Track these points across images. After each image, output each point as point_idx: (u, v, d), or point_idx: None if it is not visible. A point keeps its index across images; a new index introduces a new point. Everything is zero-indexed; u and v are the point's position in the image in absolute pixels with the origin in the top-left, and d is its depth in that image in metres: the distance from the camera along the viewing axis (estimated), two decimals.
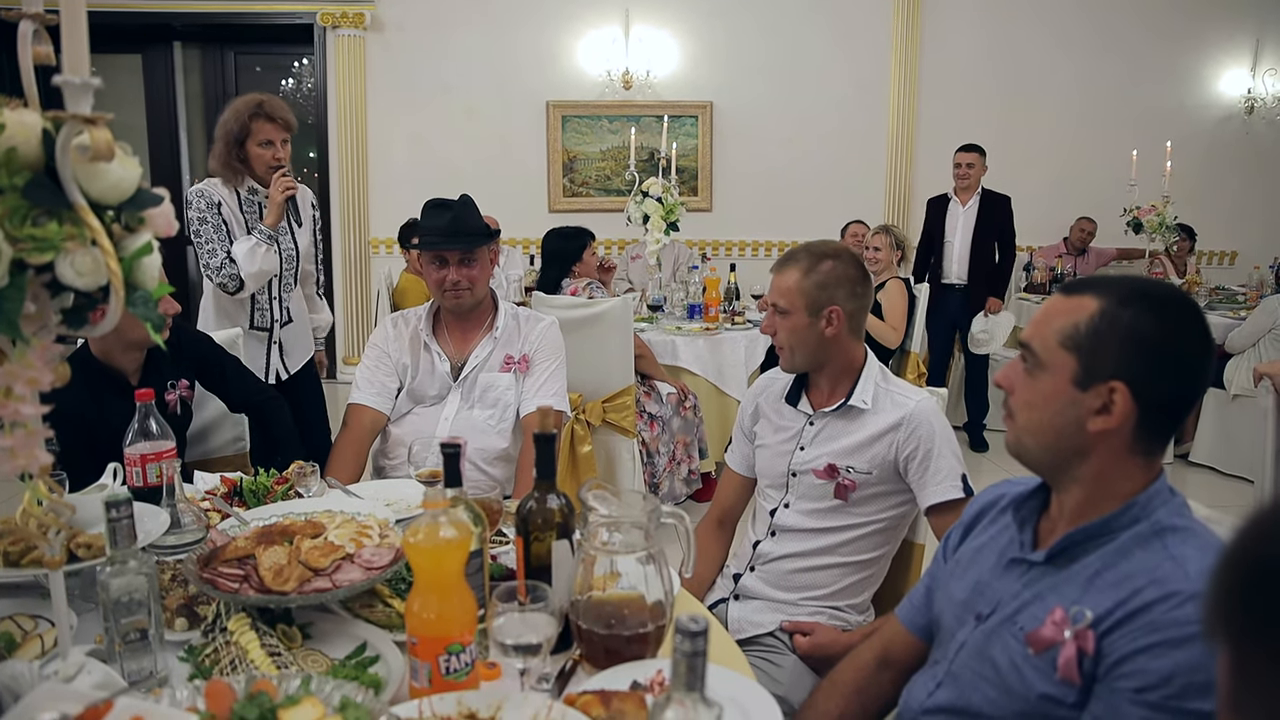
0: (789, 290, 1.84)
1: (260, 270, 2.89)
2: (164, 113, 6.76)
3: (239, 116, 2.89)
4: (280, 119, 2.93)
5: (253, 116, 2.89)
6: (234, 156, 2.91)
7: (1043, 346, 1.11)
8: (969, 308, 5.38)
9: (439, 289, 2.35)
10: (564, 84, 6.61)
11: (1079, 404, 1.08)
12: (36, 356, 0.90)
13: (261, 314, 3.05)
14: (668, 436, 3.93)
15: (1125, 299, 1.07)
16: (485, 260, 2.36)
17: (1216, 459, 5.00)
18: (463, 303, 2.36)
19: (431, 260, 2.33)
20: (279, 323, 3.10)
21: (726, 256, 6.66)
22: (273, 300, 3.06)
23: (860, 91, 6.71)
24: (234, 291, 2.92)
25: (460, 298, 2.34)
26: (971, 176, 5.32)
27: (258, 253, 2.86)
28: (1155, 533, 1.06)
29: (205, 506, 1.72)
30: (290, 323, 3.15)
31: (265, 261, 2.88)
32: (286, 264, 3.03)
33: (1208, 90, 6.96)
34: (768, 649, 1.84)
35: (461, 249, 2.30)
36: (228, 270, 2.86)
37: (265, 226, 2.89)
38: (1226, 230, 6.97)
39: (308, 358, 3.28)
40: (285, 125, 2.95)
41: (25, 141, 0.84)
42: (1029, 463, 1.17)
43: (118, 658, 1.15)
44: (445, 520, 1.09)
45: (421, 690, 1.09)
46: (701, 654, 0.81)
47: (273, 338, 3.09)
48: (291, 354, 3.18)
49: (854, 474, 1.81)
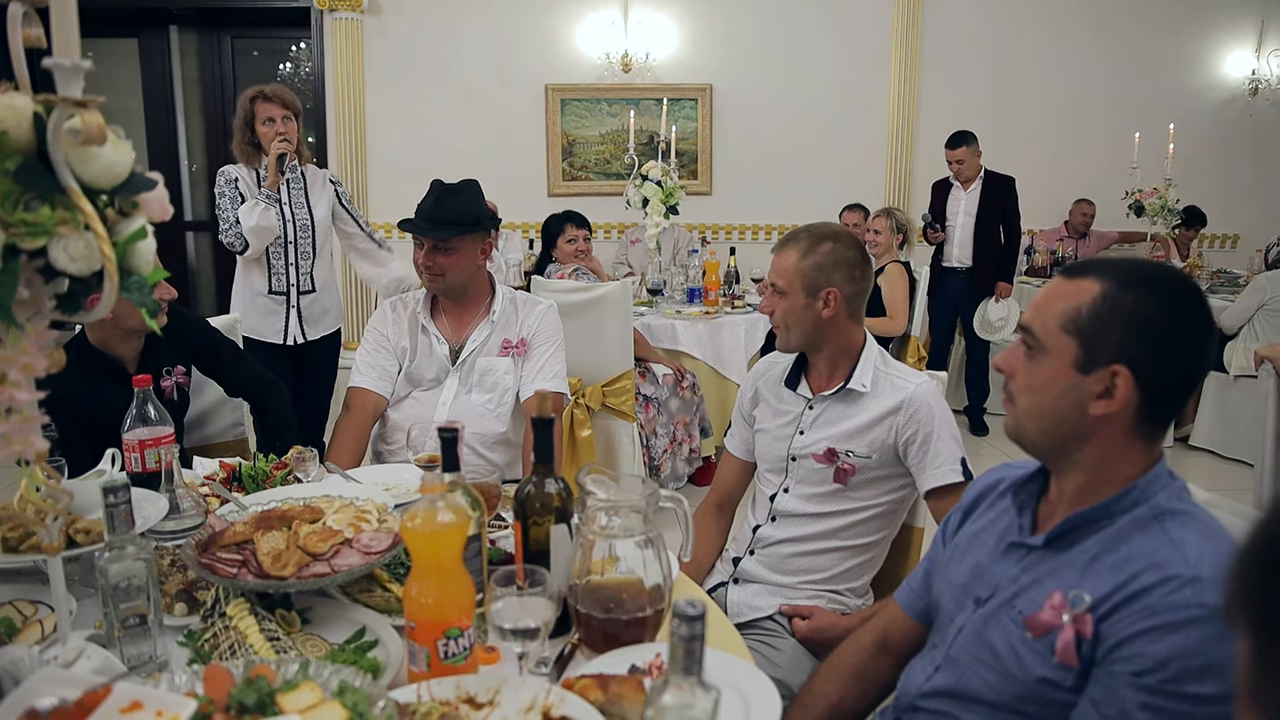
0: (787, 271, 1.84)
1: (258, 225, 3.20)
2: (161, 97, 6.72)
3: (244, 104, 3.31)
4: (278, 99, 3.27)
5: (254, 100, 3.29)
6: (246, 140, 3.31)
7: (1043, 330, 1.10)
8: (973, 290, 5.36)
9: (419, 269, 2.36)
10: (563, 67, 6.57)
11: (1080, 388, 1.08)
12: (31, 342, 0.89)
13: (278, 278, 3.38)
14: (665, 418, 3.93)
15: (1127, 282, 1.06)
16: (467, 249, 2.32)
17: (1216, 442, 5.00)
18: (435, 286, 2.37)
19: (415, 240, 2.34)
20: (297, 289, 3.41)
21: (726, 240, 6.64)
22: (289, 266, 3.38)
23: (860, 73, 6.67)
24: (241, 250, 3.27)
25: (433, 282, 2.35)
26: (965, 169, 5.28)
27: (255, 210, 3.20)
28: (1154, 517, 1.06)
29: (204, 492, 1.72)
30: (312, 292, 3.45)
31: (263, 218, 3.20)
32: (301, 233, 3.37)
33: (1211, 72, 6.91)
34: (767, 633, 1.84)
35: (430, 237, 2.29)
36: (234, 230, 3.24)
37: (265, 188, 3.25)
38: (1229, 213, 6.94)
39: (332, 330, 3.57)
40: (284, 104, 3.28)
41: (16, 125, 0.83)
42: (1029, 447, 1.16)
43: (117, 643, 1.16)
44: (443, 505, 1.09)
45: (420, 674, 1.09)
46: (699, 638, 0.81)
47: (290, 302, 3.40)
48: (312, 322, 3.47)
49: (853, 458, 1.81)
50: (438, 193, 2.31)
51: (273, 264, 3.36)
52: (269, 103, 3.26)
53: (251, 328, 3.30)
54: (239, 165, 3.35)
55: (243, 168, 3.34)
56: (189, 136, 6.92)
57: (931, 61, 6.67)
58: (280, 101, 3.27)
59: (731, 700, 1.07)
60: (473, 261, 2.35)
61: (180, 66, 6.80)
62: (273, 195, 3.25)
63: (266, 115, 3.26)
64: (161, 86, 6.71)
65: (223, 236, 3.27)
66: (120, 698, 0.93)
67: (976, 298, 5.36)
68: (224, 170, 3.33)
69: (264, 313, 3.39)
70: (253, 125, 3.29)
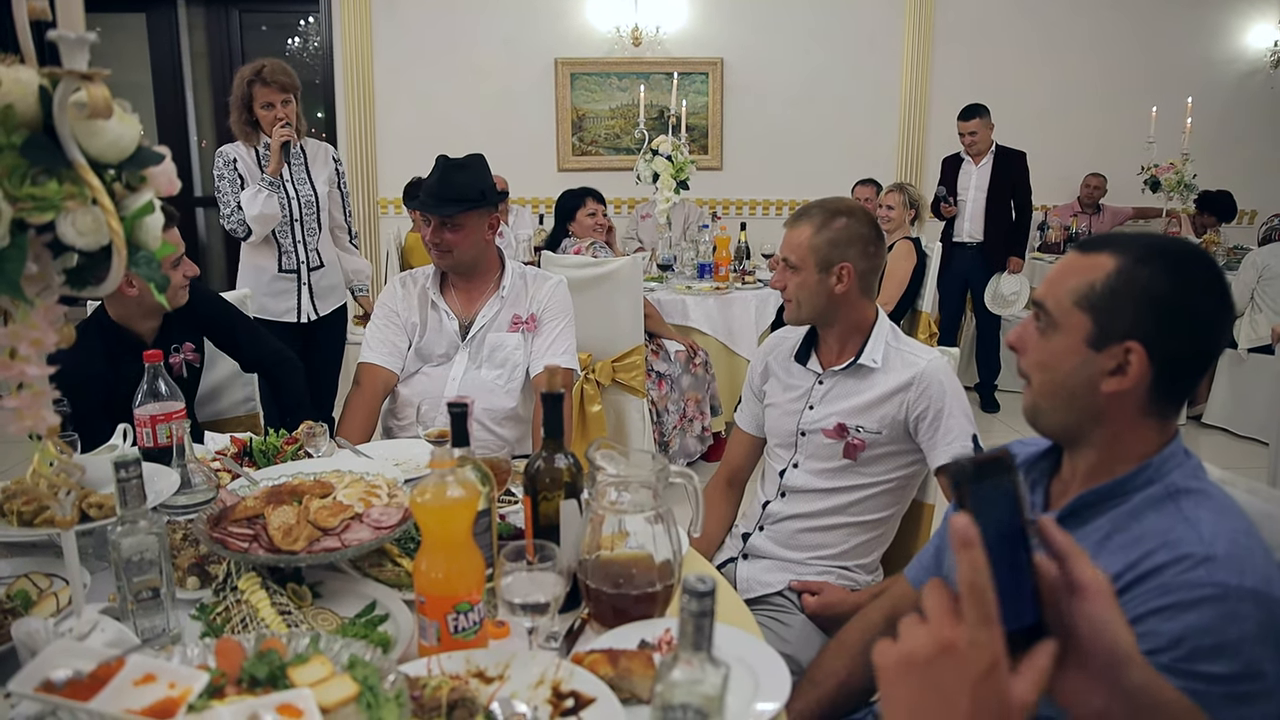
0: (800, 245, 1.83)
1: (261, 214, 3.18)
2: (169, 72, 6.70)
3: (241, 84, 3.24)
4: (276, 82, 3.20)
5: (251, 83, 3.22)
6: (244, 120, 3.26)
7: (1056, 305, 1.09)
8: (984, 265, 5.33)
9: (426, 246, 2.35)
10: (572, 41, 6.51)
11: (1092, 364, 1.06)
12: (40, 317, 0.89)
13: (288, 256, 3.37)
14: (677, 394, 3.93)
15: (1142, 257, 1.05)
16: (474, 225, 2.31)
17: (1229, 420, 4.99)
18: (444, 263, 2.37)
19: (422, 217, 2.33)
20: (307, 265, 3.40)
21: (737, 215, 6.60)
22: (297, 244, 3.38)
23: (873, 47, 6.59)
24: (244, 236, 3.27)
25: (442, 259, 2.35)
26: (978, 142, 5.26)
27: (258, 198, 3.18)
28: (1169, 495, 1.05)
29: (215, 467, 1.73)
30: (321, 267, 3.45)
31: (266, 205, 3.18)
32: (306, 210, 3.36)
33: (1232, 44, 6.80)
34: (776, 608, 1.85)
35: (436, 214, 2.28)
36: (236, 217, 3.22)
37: (267, 174, 3.22)
38: (1246, 188, 6.83)
39: (339, 304, 3.57)
40: (282, 87, 3.22)
41: (22, 99, 0.82)
42: (1045, 428, 1.14)
43: (130, 616, 1.16)
44: (452, 480, 1.09)
45: (430, 649, 1.10)
46: (709, 614, 0.81)
47: (302, 279, 3.40)
48: (322, 297, 3.47)
49: (863, 433, 1.81)
50: (442, 169, 2.30)
51: (281, 243, 3.35)
52: (267, 87, 3.20)
53: (262, 307, 3.30)
54: (237, 145, 3.30)
55: (241, 147, 3.30)
56: (198, 111, 6.91)
57: (944, 34, 6.58)
58: (278, 85, 3.21)
59: (741, 675, 1.08)
60: (480, 237, 2.34)
61: (189, 41, 6.78)
62: (275, 182, 3.21)
63: (265, 100, 3.21)
64: (170, 61, 6.69)
65: (225, 223, 3.25)
66: (134, 670, 0.94)
67: (988, 273, 5.34)
68: (221, 151, 3.28)
69: (276, 293, 3.38)
70: (250, 106, 3.24)
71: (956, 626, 0.60)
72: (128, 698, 0.91)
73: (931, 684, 0.60)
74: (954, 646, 0.60)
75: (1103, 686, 0.69)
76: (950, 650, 0.60)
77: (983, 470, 0.66)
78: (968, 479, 0.66)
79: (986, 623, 0.61)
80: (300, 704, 0.88)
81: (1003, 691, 0.60)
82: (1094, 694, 0.70)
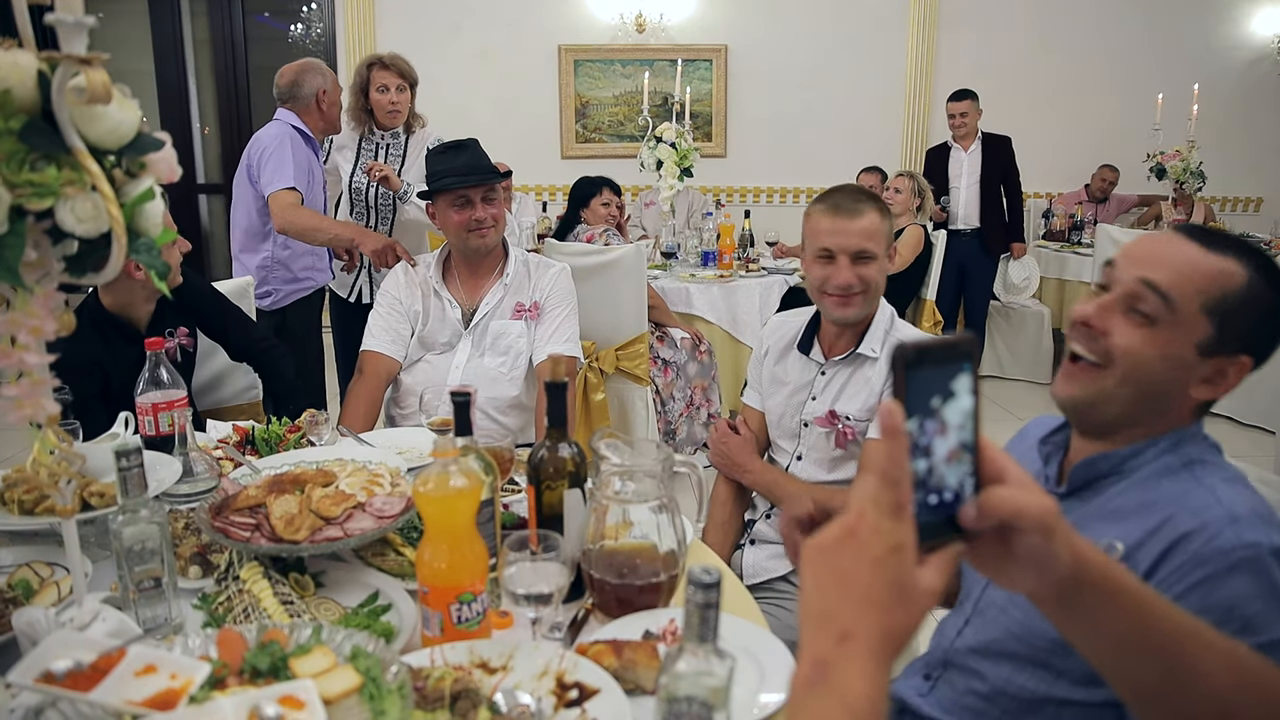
0: (875, 233, 1.75)
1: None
2: (172, 58, 6.67)
3: (359, 70, 3.42)
4: (395, 67, 3.36)
5: (370, 66, 3.38)
6: (360, 106, 3.42)
7: (1183, 301, 1.03)
8: (982, 252, 5.35)
9: (463, 230, 2.31)
10: (576, 27, 6.48)
11: (1192, 369, 1.03)
12: (39, 305, 0.88)
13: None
14: (683, 382, 3.92)
15: (1269, 273, 1.02)
16: (502, 198, 2.35)
17: (1235, 409, 4.95)
18: (488, 241, 2.34)
19: (453, 202, 2.29)
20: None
21: (741, 203, 6.57)
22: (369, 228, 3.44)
23: (878, 35, 6.55)
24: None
25: (485, 235, 2.32)
26: (967, 125, 5.32)
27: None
28: (1185, 465, 1.04)
29: (217, 455, 1.72)
30: None
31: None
32: (383, 200, 3.46)
33: (1238, 30, 6.75)
34: (780, 594, 1.85)
35: (485, 184, 2.28)
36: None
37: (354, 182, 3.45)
38: (1253, 175, 6.82)
39: None
40: (400, 73, 3.36)
41: (20, 83, 0.81)
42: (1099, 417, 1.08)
43: (132, 605, 1.16)
44: (455, 469, 1.08)
45: (433, 639, 1.09)
46: (714, 605, 0.80)
47: (363, 262, 3.37)
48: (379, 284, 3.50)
49: (852, 421, 1.80)
50: (457, 149, 2.31)
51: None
52: (385, 70, 3.33)
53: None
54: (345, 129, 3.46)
55: (347, 131, 3.45)
56: (200, 98, 6.87)
57: (950, 21, 6.54)
58: (397, 70, 3.34)
59: (746, 665, 1.07)
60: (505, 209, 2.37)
61: (191, 27, 6.74)
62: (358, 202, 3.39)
63: (381, 82, 3.33)
64: (172, 47, 6.66)
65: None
66: (135, 661, 0.93)
67: (986, 259, 5.36)
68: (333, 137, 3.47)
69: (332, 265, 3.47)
70: (367, 91, 3.36)
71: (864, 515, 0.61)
72: (129, 688, 0.90)
73: (831, 565, 0.62)
74: (856, 532, 0.61)
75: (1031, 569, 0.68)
76: (852, 534, 0.61)
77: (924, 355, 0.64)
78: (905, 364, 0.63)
79: (895, 512, 0.61)
80: (302, 695, 0.88)
81: (904, 574, 0.61)
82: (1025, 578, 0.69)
